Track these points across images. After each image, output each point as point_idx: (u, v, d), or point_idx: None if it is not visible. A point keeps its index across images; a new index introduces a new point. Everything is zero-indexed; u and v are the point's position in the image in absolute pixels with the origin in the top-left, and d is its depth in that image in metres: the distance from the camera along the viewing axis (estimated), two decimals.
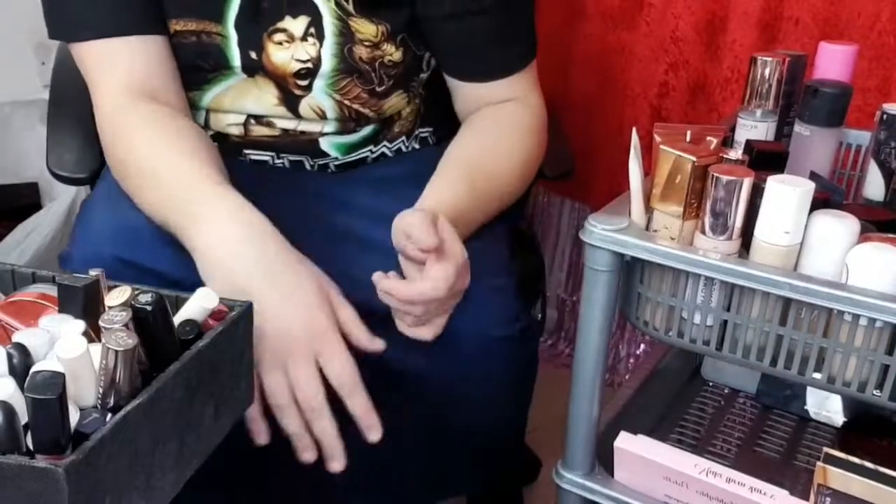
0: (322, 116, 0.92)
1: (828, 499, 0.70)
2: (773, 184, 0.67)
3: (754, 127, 0.87)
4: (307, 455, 0.74)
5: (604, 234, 0.72)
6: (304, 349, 0.72)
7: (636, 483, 0.81)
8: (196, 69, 0.89)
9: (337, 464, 0.74)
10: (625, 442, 0.79)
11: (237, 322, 0.65)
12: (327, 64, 0.88)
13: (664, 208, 0.73)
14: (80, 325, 0.57)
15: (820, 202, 0.69)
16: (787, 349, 0.70)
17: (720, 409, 1.00)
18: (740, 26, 1.18)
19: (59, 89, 1.05)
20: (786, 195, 0.66)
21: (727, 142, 0.86)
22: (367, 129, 0.94)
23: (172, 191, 0.77)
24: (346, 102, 0.91)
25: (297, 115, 0.91)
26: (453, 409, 0.84)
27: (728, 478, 0.75)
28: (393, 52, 0.89)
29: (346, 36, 0.87)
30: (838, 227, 0.67)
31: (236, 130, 0.93)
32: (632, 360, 1.50)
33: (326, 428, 0.73)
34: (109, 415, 0.52)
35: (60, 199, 1.50)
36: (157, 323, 0.58)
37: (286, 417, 0.73)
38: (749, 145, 0.82)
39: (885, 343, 0.66)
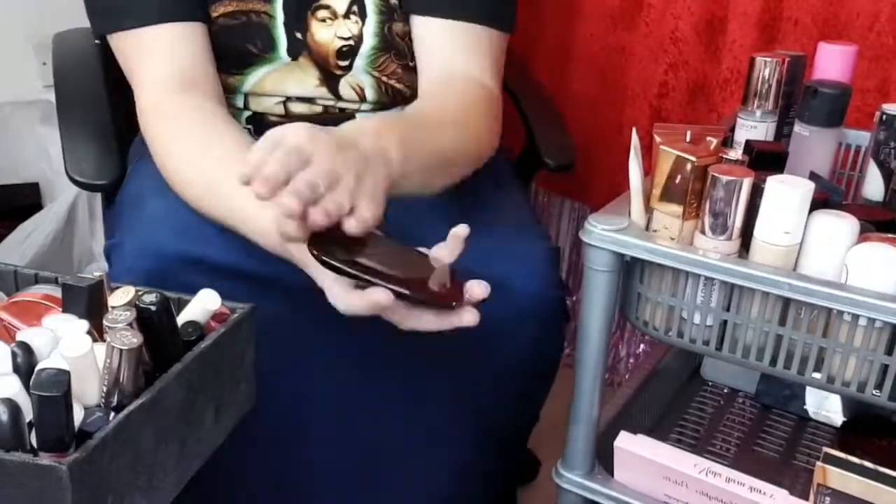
0: (362, 97, 0.94)
1: (827, 498, 0.71)
2: (773, 184, 0.67)
3: (754, 127, 0.87)
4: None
5: (604, 234, 0.72)
6: None
7: (636, 483, 0.81)
8: (241, 53, 0.90)
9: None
10: (625, 442, 0.79)
11: (239, 324, 0.65)
12: (368, 42, 0.91)
13: (664, 208, 0.73)
14: (84, 324, 0.58)
15: (819, 202, 0.69)
16: (787, 349, 0.70)
17: (720, 409, 1.00)
18: (740, 27, 1.18)
19: (65, 93, 1.04)
20: (785, 195, 0.66)
21: (727, 142, 0.87)
22: (400, 108, 0.96)
23: (223, 208, 0.78)
24: (384, 79, 0.93)
25: (338, 96, 0.93)
26: (495, 372, 0.86)
27: (728, 477, 0.75)
28: None
29: (387, 13, 0.90)
30: (838, 227, 0.67)
31: (277, 110, 0.94)
32: (632, 360, 1.50)
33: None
34: (113, 414, 0.53)
35: (61, 200, 1.50)
36: (162, 323, 0.59)
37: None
38: (749, 145, 0.82)
39: (884, 343, 0.66)
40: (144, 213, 0.82)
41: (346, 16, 0.90)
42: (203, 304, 0.64)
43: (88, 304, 0.60)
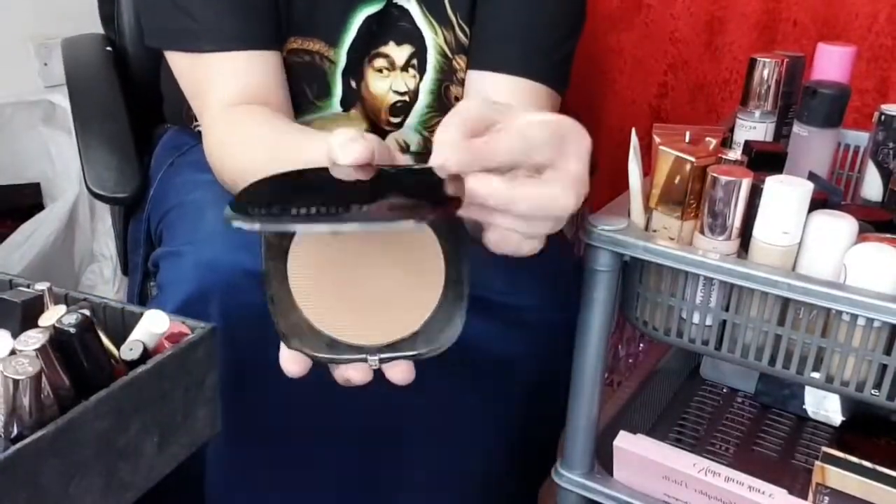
0: (404, 149, 0.92)
1: (826, 498, 0.71)
2: (772, 184, 0.67)
3: (753, 127, 0.87)
4: None
5: (603, 234, 0.72)
6: None
7: (635, 482, 0.81)
8: (296, 95, 0.87)
9: None
10: (624, 441, 0.79)
11: (194, 346, 0.60)
12: (423, 100, 0.88)
13: (663, 209, 0.73)
14: (8, 341, 0.54)
15: (818, 202, 0.69)
16: (786, 349, 0.70)
17: (719, 409, 1.00)
18: (739, 27, 1.19)
19: (81, 104, 1.03)
20: (784, 195, 0.66)
21: (726, 142, 0.87)
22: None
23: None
24: (431, 137, 0.91)
25: None
26: (536, 391, 0.86)
27: (727, 477, 0.75)
28: None
29: (447, 73, 0.88)
30: (836, 227, 0.67)
31: None
32: (631, 360, 1.50)
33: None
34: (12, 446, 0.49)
35: (62, 200, 1.50)
36: (84, 345, 0.55)
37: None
38: (748, 146, 0.82)
39: (883, 343, 0.66)
40: (204, 223, 0.79)
41: (405, 69, 0.87)
42: (148, 326, 0.60)
43: (22, 320, 0.57)
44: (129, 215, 1.07)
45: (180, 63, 0.85)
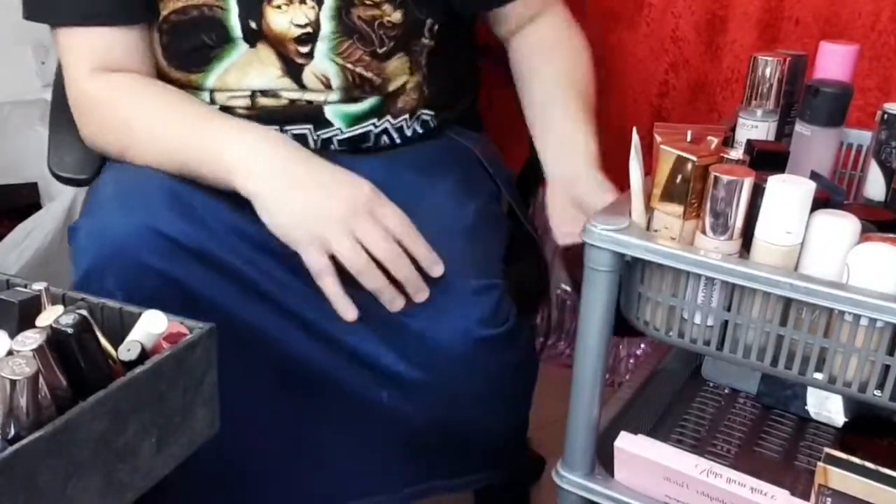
0: (327, 85, 0.92)
1: (828, 499, 0.70)
2: (774, 184, 0.67)
3: (755, 127, 0.87)
4: (397, 303, 0.80)
5: (604, 233, 0.72)
6: (365, 210, 0.78)
7: (636, 483, 0.81)
8: (199, 47, 0.89)
9: (423, 294, 0.81)
10: (625, 442, 0.79)
11: (192, 346, 0.61)
12: (326, 27, 0.88)
13: (664, 208, 0.73)
14: (3, 343, 0.54)
15: (821, 202, 0.69)
16: (788, 349, 0.69)
17: (720, 410, 1.00)
18: (740, 26, 1.18)
19: (60, 91, 1.05)
20: (786, 195, 0.66)
21: (728, 142, 0.86)
22: (371, 101, 0.94)
23: (188, 129, 0.82)
24: (349, 66, 0.91)
25: (302, 86, 0.91)
26: (440, 409, 0.84)
27: (728, 478, 0.75)
28: (392, 13, 0.90)
29: None
30: (839, 226, 0.67)
31: (242, 103, 0.92)
32: (632, 360, 1.50)
33: (409, 267, 0.79)
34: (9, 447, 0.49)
35: (60, 199, 1.50)
36: (82, 346, 0.55)
37: (369, 278, 0.78)
38: (750, 145, 0.82)
39: (885, 343, 0.65)
40: (97, 196, 0.83)
41: (302, 1, 0.87)
42: (146, 327, 0.61)
43: (20, 320, 0.57)
44: None
45: (54, 38, 0.88)
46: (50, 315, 0.56)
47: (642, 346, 1.48)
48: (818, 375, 0.69)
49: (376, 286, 0.79)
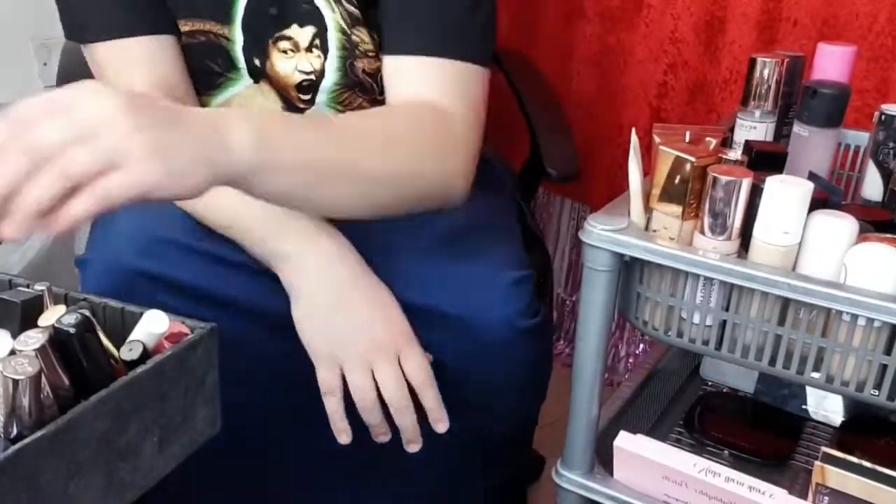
0: None
1: (826, 498, 0.71)
2: (772, 184, 0.67)
3: (753, 127, 0.87)
4: (383, 438, 0.80)
5: (603, 234, 0.72)
6: (389, 350, 0.78)
7: (636, 482, 0.81)
8: (206, 72, 0.88)
9: (416, 446, 0.81)
10: (624, 441, 0.79)
11: (194, 346, 0.61)
12: (330, 77, 0.88)
13: (663, 208, 0.73)
14: (7, 341, 0.54)
15: (818, 202, 0.69)
16: (786, 349, 0.70)
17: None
18: (739, 27, 1.19)
19: None
20: (785, 195, 0.66)
21: (726, 142, 0.87)
22: None
23: (247, 224, 0.79)
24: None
25: None
26: (473, 399, 0.85)
27: (727, 477, 0.75)
28: None
29: (349, 49, 0.87)
30: (837, 227, 0.67)
31: None
32: (631, 360, 1.50)
33: (411, 420, 0.79)
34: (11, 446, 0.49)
35: None
36: (84, 345, 0.55)
37: (370, 414, 0.78)
38: (748, 146, 0.82)
39: (883, 343, 0.66)
40: (111, 228, 0.81)
41: (309, 49, 0.87)
42: (148, 327, 0.61)
43: (22, 320, 0.58)
44: None
45: (89, 58, 0.86)
46: (52, 315, 0.56)
47: (641, 345, 1.48)
48: (816, 375, 0.69)
49: (372, 422, 0.79)
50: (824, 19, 1.12)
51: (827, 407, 0.97)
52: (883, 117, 0.85)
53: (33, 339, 0.52)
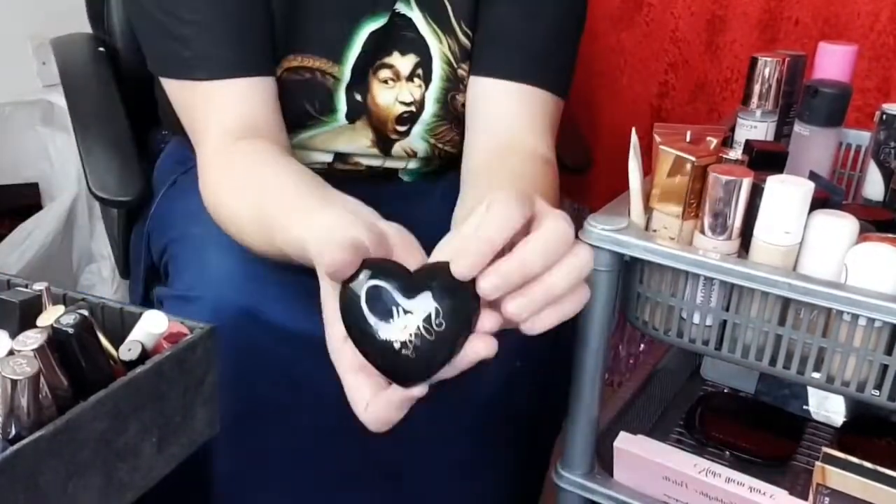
0: (411, 155, 0.91)
1: (827, 498, 0.70)
2: (773, 184, 0.67)
3: (754, 127, 0.87)
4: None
5: (603, 233, 0.72)
6: None
7: (636, 483, 0.81)
8: (299, 112, 0.85)
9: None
10: (624, 442, 0.79)
11: (193, 346, 0.60)
12: (429, 109, 0.87)
13: (664, 208, 0.73)
14: (4, 342, 0.54)
15: (819, 202, 0.69)
16: (787, 349, 0.70)
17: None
18: (740, 26, 1.19)
19: (80, 107, 1.02)
20: (785, 195, 0.66)
21: (727, 142, 0.86)
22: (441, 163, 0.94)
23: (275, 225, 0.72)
24: (440, 146, 0.90)
25: (388, 156, 0.90)
26: (525, 401, 0.85)
27: (727, 478, 0.75)
28: None
29: (452, 81, 0.86)
30: (838, 226, 0.67)
31: (319, 167, 0.90)
32: (631, 360, 1.50)
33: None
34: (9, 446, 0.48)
35: (61, 200, 1.50)
36: (84, 346, 0.54)
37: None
38: (749, 145, 0.82)
39: (883, 343, 0.66)
40: (209, 267, 0.78)
41: (410, 78, 0.86)
42: (146, 327, 0.60)
43: (21, 320, 0.57)
44: (130, 219, 1.06)
45: (175, 91, 0.82)
46: (51, 315, 0.56)
47: (642, 346, 1.48)
48: (816, 375, 0.69)
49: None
50: (825, 18, 1.12)
51: (828, 407, 0.96)
52: (884, 117, 0.84)
53: (32, 340, 0.52)
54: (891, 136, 0.84)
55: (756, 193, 0.68)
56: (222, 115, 0.80)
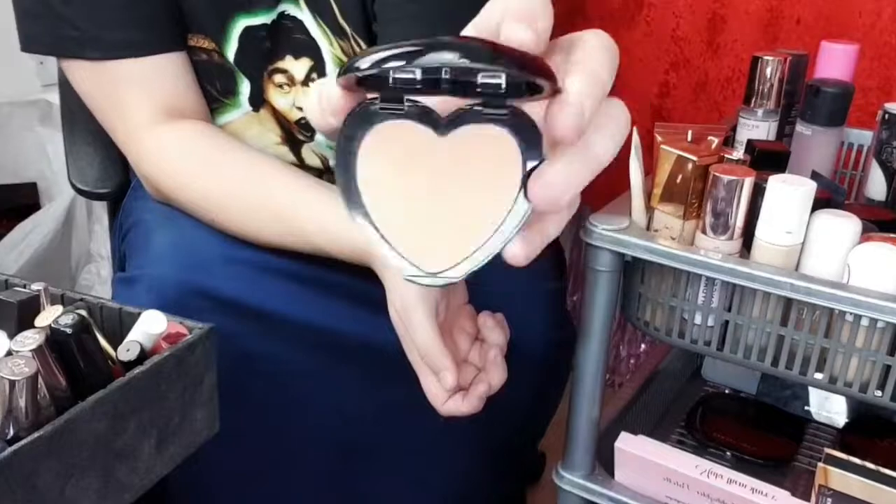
0: (326, 167, 0.89)
1: (829, 499, 0.70)
2: (775, 183, 0.66)
3: (756, 126, 0.87)
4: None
5: (604, 233, 0.72)
6: None
7: (637, 484, 0.81)
8: (204, 94, 0.84)
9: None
10: (625, 442, 0.79)
11: (192, 347, 0.60)
12: None
13: (665, 208, 0.73)
14: (2, 343, 0.53)
15: (821, 202, 0.69)
16: (789, 349, 0.69)
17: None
18: (741, 25, 1.18)
19: (70, 100, 1.01)
20: (787, 195, 0.66)
21: (728, 141, 0.86)
22: None
23: (309, 226, 0.74)
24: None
25: (300, 159, 0.88)
26: (499, 410, 0.84)
27: (729, 478, 0.75)
28: None
29: None
30: (840, 226, 0.67)
31: None
32: (633, 361, 1.49)
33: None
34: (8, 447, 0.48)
35: (60, 200, 1.50)
36: (82, 346, 0.54)
37: None
38: (750, 145, 0.82)
39: (886, 343, 0.65)
40: (153, 246, 0.78)
41: (305, 83, 0.83)
42: (145, 327, 0.60)
43: (19, 321, 0.57)
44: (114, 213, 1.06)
45: (79, 73, 0.79)
46: (49, 315, 0.56)
47: (643, 346, 1.48)
48: (819, 376, 0.69)
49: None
50: (827, 17, 1.12)
51: (830, 408, 0.96)
52: (886, 116, 0.84)
53: (30, 340, 0.52)
54: (893, 136, 0.84)
55: (758, 193, 0.68)
56: (144, 97, 0.78)
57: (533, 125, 0.38)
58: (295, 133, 0.86)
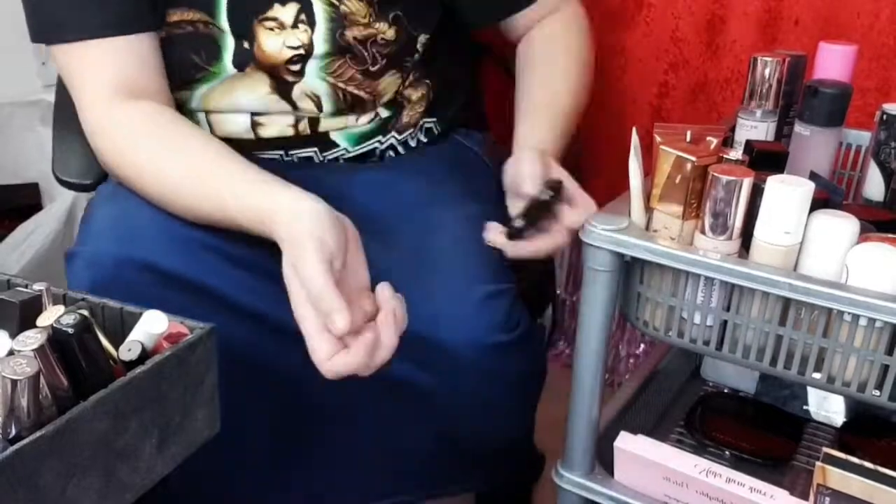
0: (318, 105, 0.91)
1: (827, 499, 0.70)
2: (773, 184, 0.67)
3: (754, 127, 0.87)
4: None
5: (604, 234, 0.72)
6: None
7: (636, 483, 0.81)
8: (185, 65, 0.87)
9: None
10: (625, 442, 0.79)
11: (193, 347, 0.61)
12: (320, 48, 0.87)
13: (664, 208, 0.73)
14: (4, 343, 0.54)
15: (820, 202, 0.69)
16: (787, 349, 0.70)
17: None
18: (740, 26, 1.19)
19: (63, 93, 1.04)
20: (786, 195, 0.66)
21: (727, 142, 0.86)
22: (375, 121, 0.94)
23: (224, 190, 0.76)
24: (340, 85, 0.90)
25: (293, 104, 0.90)
26: (452, 416, 0.84)
27: (728, 478, 0.75)
28: (386, 31, 0.89)
29: (337, 20, 0.87)
30: (838, 227, 0.67)
31: (245, 133, 0.91)
32: (632, 360, 1.50)
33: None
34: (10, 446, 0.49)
35: (61, 200, 1.50)
36: (83, 346, 0.55)
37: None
38: (749, 145, 0.82)
39: (884, 343, 0.66)
40: (93, 222, 0.81)
41: (294, 25, 0.86)
42: (146, 327, 0.60)
43: (21, 320, 0.57)
44: None
45: (60, 58, 0.84)
46: (51, 315, 0.56)
47: (642, 346, 1.48)
48: (817, 375, 0.69)
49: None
50: (826, 18, 1.12)
51: (828, 407, 0.96)
52: (884, 117, 0.84)
53: (32, 340, 0.52)
54: (891, 136, 0.84)
55: (756, 193, 0.68)
56: (99, 77, 0.82)
57: None
58: (283, 75, 0.88)
